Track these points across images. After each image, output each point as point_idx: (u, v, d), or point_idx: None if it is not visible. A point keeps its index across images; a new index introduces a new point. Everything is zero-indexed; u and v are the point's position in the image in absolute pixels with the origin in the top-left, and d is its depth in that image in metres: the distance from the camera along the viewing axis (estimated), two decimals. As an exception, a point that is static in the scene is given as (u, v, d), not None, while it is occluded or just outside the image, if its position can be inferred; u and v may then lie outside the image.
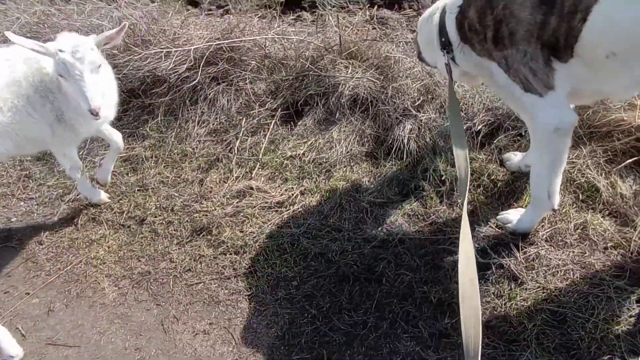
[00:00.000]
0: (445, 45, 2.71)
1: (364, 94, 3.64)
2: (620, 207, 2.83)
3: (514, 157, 3.16)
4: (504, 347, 2.42)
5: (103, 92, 2.83)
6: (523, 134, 3.29)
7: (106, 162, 3.54)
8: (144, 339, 2.76)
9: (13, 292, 3.12)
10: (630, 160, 2.97)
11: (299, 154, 3.56)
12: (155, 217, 3.41)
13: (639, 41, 2.16)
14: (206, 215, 3.34)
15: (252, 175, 3.52)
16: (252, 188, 3.42)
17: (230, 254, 3.10)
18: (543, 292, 2.57)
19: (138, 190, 3.60)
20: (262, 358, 2.57)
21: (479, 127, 3.28)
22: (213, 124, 3.91)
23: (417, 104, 3.47)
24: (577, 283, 2.58)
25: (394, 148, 3.40)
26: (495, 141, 3.29)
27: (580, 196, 2.94)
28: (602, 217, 2.84)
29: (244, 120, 3.86)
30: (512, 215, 2.92)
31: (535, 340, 2.40)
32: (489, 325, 2.50)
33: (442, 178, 3.19)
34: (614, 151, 3.04)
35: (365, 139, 3.55)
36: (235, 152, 3.70)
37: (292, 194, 3.34)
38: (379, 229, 3.06)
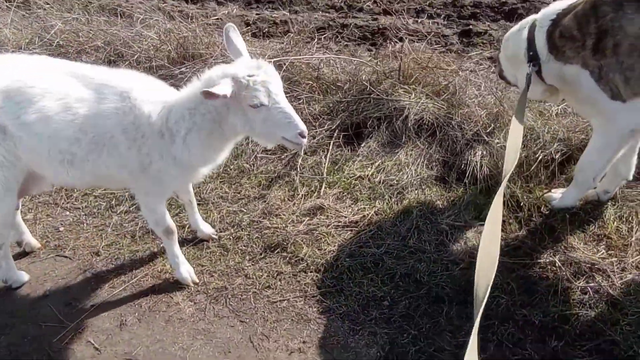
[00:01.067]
0: (533, 59, 2.84)
1: (429, 118, 3.67)
2: None
3: (591, 187, 3.24)
4: (619, 370, 2.42)
5: None
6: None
7: (193, 221, 3.25)
8: (234, 356, 2.62)
9: (76, 304, 2.93)
10: None
11: (367, 175, 3.54)
12: (222, 232, 3.30)
13: None
14: (277, 231, 3.25)
15: (320, 194, 3.46)
16: (322, 207, 3.36)
17: (312, 272, 3.01)
18: (646, 318, 2.60)
19: (198, 204, 3.47)
20: (369, 378, 2.49)
21: (556, 156, 3.34)
22: (269, 143, 3.84)
23: (487, 130, 3.51)
24: (677, 309, 2.63)
25: (467, 173, 3.42)
26: (567, 172, 3.37)
27: (664, 225, 3.02)
28: (687, 246, 2.92)
29: (303, 139, 3.81)
30: (556, 194, 3.22)
31: (649, 364, 2.42)
32: (598, 348, 2.51)
33: (521, 204, 3.22)
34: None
35: (434, 163, 3.56)
36: (299, 170, 3.64)
37: (367, 214, 3.30)
38: (463, 251, 3.04)
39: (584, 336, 2.57)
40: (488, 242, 2.01)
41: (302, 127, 2.38)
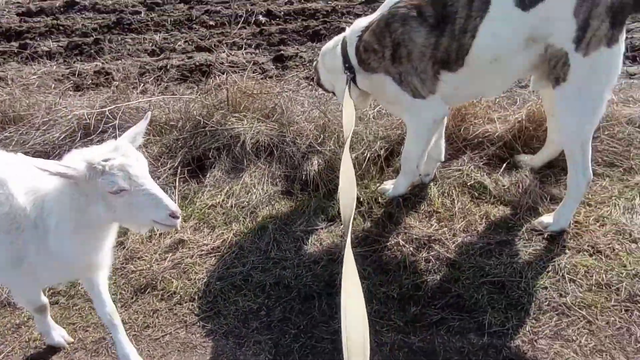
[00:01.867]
0: (349, 69, 3.32)
1: (264, 140, 3.96)
2: (507, 197, 3.53)
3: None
4: (468, 317, 2.86)
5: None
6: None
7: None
8: (130, 399, 2.65)
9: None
10: (505, 165, 3.73)
11: (219, 202, 3.72)
12: (86, 286, 3.27)
13: (512, 48, 2.97)
14: (143, 273, 3.30)
15: (178, 229, 3.57)
16: (182, 240, 3.48)
17: (186, 302, 3.12)
18: (479, 270, 3.09)
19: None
20: (264, 382, 2.67)
21: (381, 152, 3.81)
22: (115, 190, 3.86)
23: (318, 141, 3.88)
24: (499, 257, 3.16)
25: (309, 182, 3.75)
26: (393, 164, 3.84)
27: (475, 194, 3.59)
28: (496, 207, 3.50)
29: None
30: (388, 185, 3.67)
31: (489, 306, 2.89)
32: (448, 304, 2.95)
33: (360, 200, 3.62)
34: (488, 156, 3.78)
35: (277, 179, 3.84)
36: (150, 211, 3.71)
37: (226, 238, 3.48)
38: (320, 251, 3.35)
39: (435, 297, 2.99)
40: (346, 184, 2.33)
41: (173, 207, 2.23)
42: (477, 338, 2.77)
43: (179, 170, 3.98)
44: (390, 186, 3.66)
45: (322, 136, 3.93)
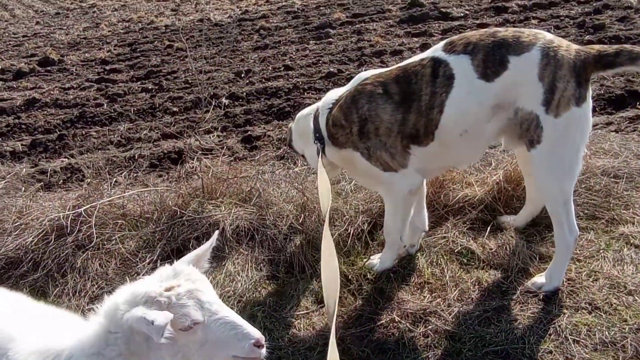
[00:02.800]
0: (319, 139, 3.34)
1: (244, 225, 3.88)
2: (496, 260, 3.50)
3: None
4: (476, 392, 2.75)
5: None
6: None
7: None
8: None
9: None
10: (489, 227, 3.72)
11: (203, 294, 3.58)
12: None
13: (481, 119, 3.02)
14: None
15: (265, 360, 3.41)
16: (168, 339, 3.31)
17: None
18: (479, 340, 3.00)
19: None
20: None
21: (364, 227, 3.76)
22: (92, 291, 3.70)
23: (300, 221, 3.82)
24: (498, 324, 3.08)
25: (293, 264, 3.66)
26: (377, 237, 3.79)
27: (464, 260, 3.55)
28: (486, 271, 3.45)
29: (128, 279, 3.74)
30: (375, 260, 3.60)
31: (495, 378, 2.79)
32: (454, 380, 2.83)
33: (349, 277, 3.53)
34: (471, 220, 3.77)
35: (261, 264, 3.74)
36: (132, 310, 3.55)
37: (214, 332, 3.32)
38: (315, 335, 3.22)
39: (439, 374, 2.89)
40: (327, 266, 2.46)
41: (256, 334, 1.87)
42: (490, 414, 2.65)
43: (158, 264, 3.83)
44: (377, 261, 3.59)
45: (302, 215, 3.87)
